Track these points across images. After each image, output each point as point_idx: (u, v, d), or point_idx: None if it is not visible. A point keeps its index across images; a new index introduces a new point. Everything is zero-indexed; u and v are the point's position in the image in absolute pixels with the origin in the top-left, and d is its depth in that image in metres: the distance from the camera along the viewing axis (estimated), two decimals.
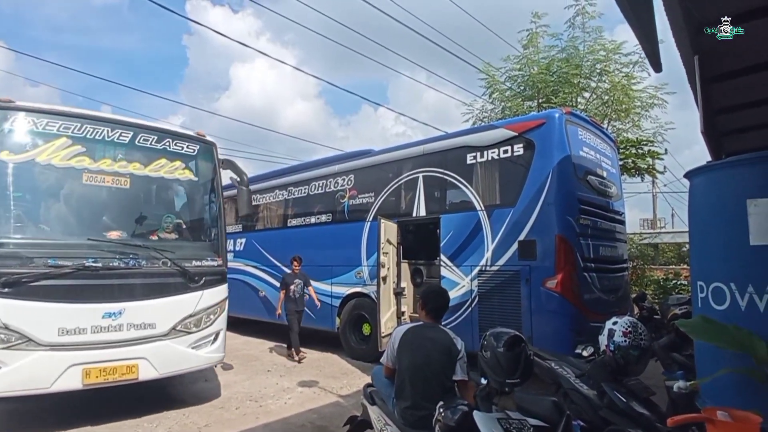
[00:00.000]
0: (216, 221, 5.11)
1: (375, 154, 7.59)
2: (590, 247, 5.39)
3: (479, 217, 5.78)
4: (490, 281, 5.59)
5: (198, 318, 4.62)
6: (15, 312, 3.72)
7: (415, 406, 2.52)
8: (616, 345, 2.56)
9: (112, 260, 4.21)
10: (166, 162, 4.80)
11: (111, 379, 4.06)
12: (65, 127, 4.27)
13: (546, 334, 4.96)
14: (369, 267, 6.91)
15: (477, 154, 5.95)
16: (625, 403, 2.39)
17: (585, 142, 5.77)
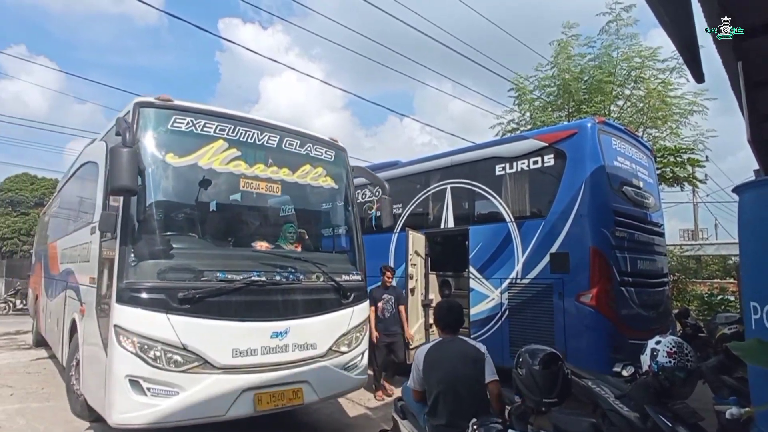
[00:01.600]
0: (356, 232, 4.71)
1: (402, 166, 7.58)
2: (627, 260, 5.14)
3: (509, 229, 5.64)
4: (520, 294, 5.42)
5: (350, 337, 4.25)
6: (193, 331, 3.34)
7: (449, 423, 2.46)
8: (660, 366, 2.42)
9: (273, 274, 3.83)
10: (310, 168, 4.42)
11: (280, 405, 3.67)
12: (221, 128, 3.90)
13: (581, 350, 4.73)
14: (397, 278, 6.86)
15: (506, 165, 5.83)
16: (671, 427, 2.27)
17: (619, 152, 5.55)
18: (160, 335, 3.25)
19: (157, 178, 3.68)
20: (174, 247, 3.54)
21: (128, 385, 3.18)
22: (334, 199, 4.84)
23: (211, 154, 3.82)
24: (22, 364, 7.37)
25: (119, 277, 3.30)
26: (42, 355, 7.85)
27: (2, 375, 6.56)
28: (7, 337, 10.27)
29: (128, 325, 3.23)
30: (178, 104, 3.79)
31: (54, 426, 4.44)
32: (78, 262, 4.88)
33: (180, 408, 3.24)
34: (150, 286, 3.31)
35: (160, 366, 3.23)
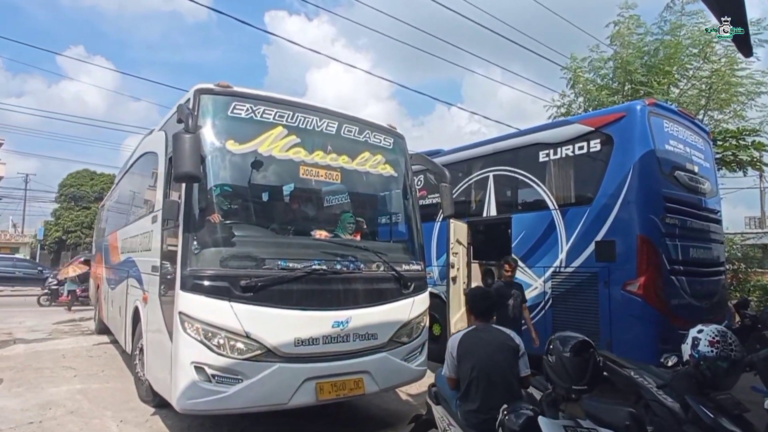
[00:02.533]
0: (415, 221, 4.67)
1: (444, 154, 7.61)
2: (678, 248, 5.02)
3: (553, 217, 5.61)
4: (564, 283, 5.41)
5: (410, 327, 4.22)
6: (255, 319, 3.38)
7: (480, 409, 2.52)
8: (701, 355, 2.39)
9: (334, 263, 3.83)
10: (369, 155, 4.37)
11: (342, 394, 3.69)
12: (280, 115, 3.88)
13: (627, 340, 4.70)
14: (439, 267, 6.96)
15: (550, 151, 5.78)
16: (713, 418, 2.24)
17: (672, 135, 5.37)
18: (223, 323, 3.31)
19: (218, 165, 3.71)
20: (235, 235, 3.57)
21: (194, 371, 3.25)
22: (393, 187, 4.82)
23: (271, 141, 3.81)
24: (85, 348, 7.94)
25: (183, 265, 3.39)
26: (103, 340, 8.45)
27: (67, 358, 7.06)
28: (72, 324, 11.13)
29: (193, 313, 3.31)
30: (238, 90, 3.79)
31: (113, 406, 4.79)
32: (139, 251, 5.11)
33: (244, 395, 3.30)
34: (213, 273, 3.37)
35: (224, 353, 3.30)
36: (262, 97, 3.91)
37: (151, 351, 4.29)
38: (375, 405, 4.99)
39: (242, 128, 3.77)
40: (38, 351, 7.65)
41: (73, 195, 29.88)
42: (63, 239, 29.37)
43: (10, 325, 10.64)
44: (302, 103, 4.18)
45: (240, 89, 3.84)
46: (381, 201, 4.98)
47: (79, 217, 28.79)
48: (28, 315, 12.86)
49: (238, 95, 3.77)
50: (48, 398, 5.00)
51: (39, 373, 6.14)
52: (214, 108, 3.69)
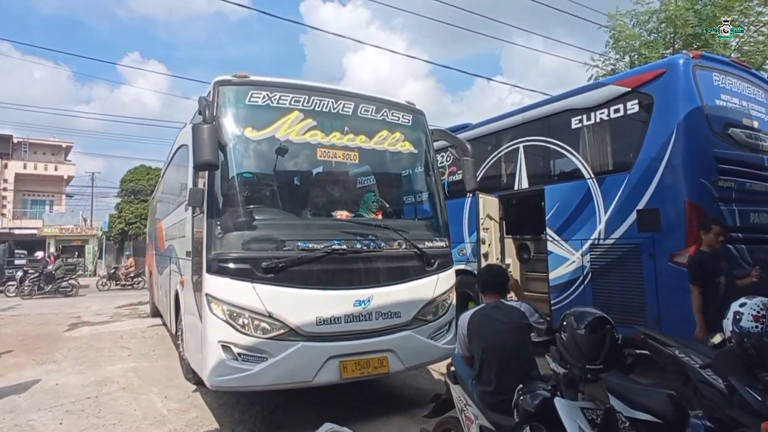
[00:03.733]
0: (437, 197, 4.61)
1: (473, 128, 7.30)
2: (735, 213, 4.54)
3: (588, 186, 5.22)
4: (604, 256, 5.04)
5: (436, 305, 4.18)
6: (277, 299, 3.45)
7: (495, 390, 2.41)
8: (744, 331, 2.13)
9: (354, 242, 3.83)
10: (387, 134, 4.35)
11: (366, 373, 3.71)
12: (295, 100, 3.95)
13: (677, 317, 4.28)
14: (471, 244, 6.76)
15: (583, 116, 5.36)
16: (761, 402, 2.00)
17: (724, 89, 4.82)
18: (247, 303, 3.39)
19: (238, 152, 3.83)
20: (256, 219, 3.66)
21: (221, 350, 3.36)
22: (414, 164, 4.76)
23: (288, 126, 3.89)
24: (140, 330, 8.61)
25: (208, 249, 3.50)
26: (156, 322, 9.05)
27: (124, 339, 7.71)
28: (131, 307, 12.04)
29: (218, 294, 3.42)
30: (254, 79, 3.88)
31: (160, 383, 5.10)
32: (177, 238, 5.38)
33: (269, 373, 3.38)
34: (235, 256, 3.47)
35: (249, 333, 3.38)
36: (277, 83, 3.96)
37: (188, 331, 4.51)
38: (406, 384, 5.00)
39: (260, 115, 3.86)
40: (100, 332, 8.40)
41: (132, 189, 31.90)
42: (125, 230, 31.55)
43: (79, 309, 11.75)
44: (317, 86, 4.19)
45: (256, 78, 3.91)
46: (402, 178, 4.90)
47: (138, 210, 30.65)
48: (95, 299, 14.00)
49: (254, 84, 3.85)
50: (105, 375, 5.47)
51: (99, 352, 6.73)
52: (232, 97, 3.79)
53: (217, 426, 3.92)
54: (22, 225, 33.09)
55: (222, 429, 3.87)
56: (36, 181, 35.04)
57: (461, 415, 2.65)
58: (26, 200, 35.78)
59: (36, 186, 35.15)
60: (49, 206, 36.14)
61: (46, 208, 35.51)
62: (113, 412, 4.26)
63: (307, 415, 4.03)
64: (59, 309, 11.78)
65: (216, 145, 3.40)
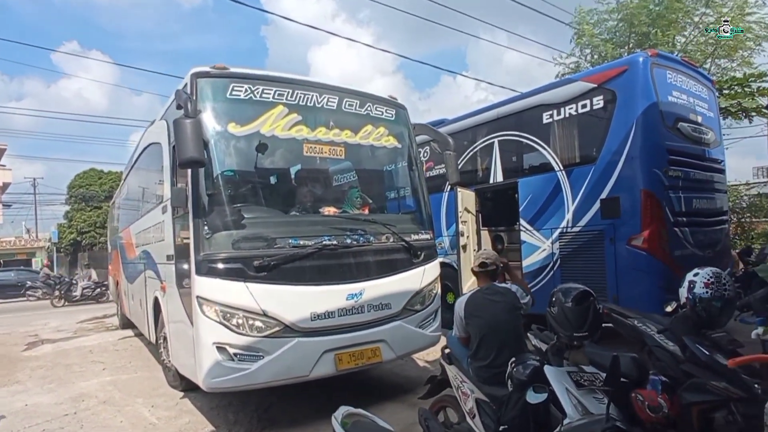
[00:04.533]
0: (422, 191, 4.71)
1: (448, 123, 7.59)
2: (682, 199, 5.05)
3: (558, 178, 5.63)
4: (572, 243, 5.47)
5: (423, 295, 4.33)
6: (270, 297, 3.47)
7: (491, 365, 2.65)
8: (697, 297, 2.47)
9: (344, 237, 3.89)
10: (372, 128, 4.38)
11: (360, 363, 3.83)
12: (279, 93, 3.87)
13: (634, 294, 4.78)
14: (449, 237, 7.03)
15: (553, 111, 5.75)
16: (708, 355, 2.33)
17: (675, 86, 5.32)
18: (240, 303, 3.39)
19: (221, 148, 3.72)
20: (245, 217, 3.62)
21: (216, 351, 3.36)
22: (398, 158, 4.84)
23: (273, 121, 3.81)
24: (111, 343, 8.15)
25: (196, 250, 3.45)
26: (128, 334, 8.66)
27: (94, 353, 7.26)
28: (96, 321, 11.37)
29: (210, 295, 3.39)
30: (235, 71, 3.76)
31: (143, 394, 4.94)
32: (153, 243, 5.19)
33: (267, 371, 3.42)
34: (226, 256, 3.43)
35: (244, 332, 3.40)
36: (260, 76, 3.89)
37: (174, 337, 4.41)
38: (395, 373, 5.16)
39: (242, 110, 3.77)
40: (65, 349, 7.86)
41: (83, 195, 29.96)
42: (78, 240, 29.64)
43: (35, 327, 10.88)
44: (301, 79, 4.15)
45: (237, 69, 3.81)
46: (387, 173, 5.01)
47: (91, 217, 28.94)
48: (51, 316, 13.21)
49: (235, 76, 3.75)
50: (80, 391, 5.17)
51: (68, 369, 6.33)
52: (212, 91, 3.68)
53: (212, 428, 3.91)
54: None
55: (218, 431, 3.87)
56: None
57: (457, 392, 2.87)
58: None
59: None
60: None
61: None
62: (97, 425, 4.11)
63: (303, 409, 4.11)
64: (11, 329, 10.96)
65: (201, 141, 3.33)
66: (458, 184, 5.76)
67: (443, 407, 3.09)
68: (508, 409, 2.32)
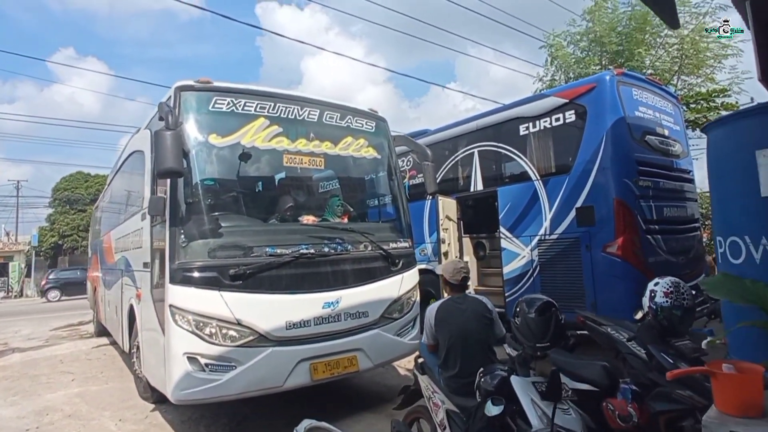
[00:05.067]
0: (400, 200, 4.78)
1: (431, 134, 7.70)
2: (653, 208, 5.18)
3: (535, 187, 5.75)
4: (550, 250, 5.56)
5: (401, 303, 4.34)
6: (245, 306, 3.44)
7: (459, 374, 2.64)
8: (658, 306, 2.51)
9: (321, 246, 3.90)
10: (352, 140, 4.47)
11: (336, 373, 3.79)
12: (261, 106, 3.95)
13: (610, 300, 4.87)
14: (432, 244, 7.10)
15: (529, 124, 5.90)
16: (672, 363, 2.34)
17: (641, 102, 5.53)
18: (214, 312, 3.35)
19: (202, 159, 3.77)
20: (222, 226, 3.63)
21: (187, 362, 3.29)
22: (378, 169, 4.91)
23: (253, 133, 3.88)
24: (84, 352, 7.89)
25: (171, 259, 3.43)
26: (103, 342, 8.42)
27: (65, 363, 7.02)
28: (70, 329, 11.04)
29: (183, 304, 3.35)
30: (218, 85, 3.85)
31: (112, 406, 4.79)
32: (131, 250, 5.12)
33: (239, 381, 3.36)
34: (201, 265, 3.42)
35: (216, 342, 3.35)
36: (242, 90, 3.95)
37: (146, 346, 4.31)
38: (375, 382, 5.14)
39: (224, 122, 3.82)
40: (35, 358, 7.60)
41: (67, 198, 29.37)
42: (59, 244, 28.91)
43: (6, 335, 10.54)
44: (282, 93, 4.23)
45: (220, 83, 3.88)
46: (366, 183, 5.05)
47: (75, 221, 28.33)
48: (24, 323, 12.84)
49: (218, 90, 3.82)
50: (45, 404, 4.97)
51: (35, 380, 6.10)
52: (195, 104, 3.74)
53: None
54: None
55: None
56: None
57: (429, 403, 2.82)
58: None
59: None
60: None
61: None
62: None
63: (276, 422, 4.00)
64: None
65: (180, 153, 3.38)
66: (436, 194, 5.82)
67: (417, 418, 3.04)
68: (475, 421, 2.30)
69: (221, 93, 3.81)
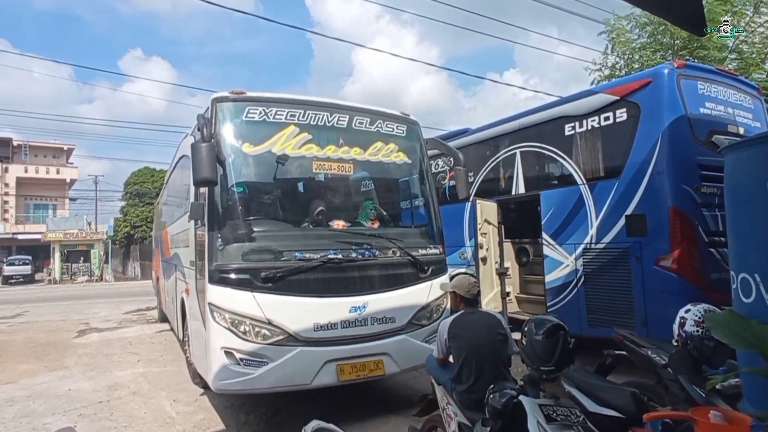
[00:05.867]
0: (432, 205, 4.84)
1: (472, 133, 7.58)
2: (719, 218, 4.73)
3: (581, 192, 5.48)
4: (596, 260, 5.29)
5: (430, 310, 4.42)
6: (276, 307, 3.69)
7: (471, 390, 2.66)
8: (688, 335, 2.42)
9: (350, 251, 4.10)
10: (382, 145, 4.59)
11: (362, 375, 3.96)
12: (291, 114, 4.16)
13: (663, 317, 4.49)
14: (472, 247, 7.00)
15: (576, 123, 5.63)
16: (704, 398, 2.24)
17: (708, 97, 5.04)
18: (247, 311, 3.65)
19: (236, 167, 4.07)
20: (255, 231, 3.90)
21: (224, 355, 3.62)
22: (409, 173, 5.00)
23: (284, 140, 4.12)
24: (149, 335, 8.88)
25: (209, 260, 3.76)
26: (164, 328, 9.32)
27: (133, 345, 8.01)
28: (139, 313, 12.33)
29: (220, 303, 3.68)
30: (251, 95, 4.13)
31: (168, 387, 5.38)
32: (182, 247, 5.64)
33: (270, 377, 3.64)
34: (236, 267, 3.73)
35: (250, 339, 3.65)
36: (274, 99, 4.21)
37: (193, 337, 4.77)
38: (407, 385, 5.22)
39: (257, 130, 4.09)
40: (110, 339, 8.70)
41: (137, 192, 32.71)
42: (131, 234, 32.24)
43: (87, 316, 12.06)
44: (313, 100, 4.42)
45: (253, 93, 4.16)
46: (396, 187, 5.13)
47: (143, 213, 31.30)
48: (103, 305, 14.40)
49: (251, 99, 4.09)
50: (115, 380, 5.76)
51: (109, 358, 7.03)
52: (230, 114, 4.04)
53: (223, 427, 4.19)
54: (26, 230, 33.73)
55: (227, 430, 4.13)
56: (38, 185, 35.54)
57: (443, 413, 2.91)
58: (29, 204, 36.32)
59: (38, 190, 35.67)
60: (52, 210, 36.66)
61: (49, 213, 35.96)
62: (125, 415, 4.54)
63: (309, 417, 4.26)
64: (67, 316, 12.15)
65: (214, 163, 3.65)
66: (468, 198, 5.80)
67: (434, 427, 3.11)
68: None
69: (253, 102, 4.10)
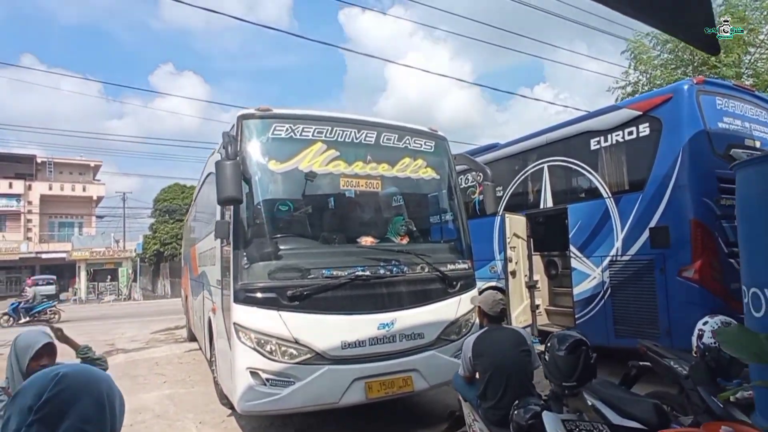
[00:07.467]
0: (460, 220, 5.04)
1: (500, 148, 7.98)
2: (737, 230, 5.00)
3: (606, 205, 5.80)
4: (622, 272, 5.59)
5: (459, 325, 4.56)
6: (302, 326, 3.81)
7: (497, 406, 2.86)
8: (705, 347, 2.53)
9: (377, 268, 4.24)
10: (410, 161, 4.77)
11: (390, 392, 4.07)
12: (318, 131, 4.31)
13: (686, 327, 4.72)
14: (502, 261, 7.31)
15: (600, 138, 5.97)
16: (723, 409, 2.37)
17: (726, 112, 5.35)
18: (273, 331, 3.78)
19: (262, 184, 4.23)
20: (282, 249, 4.06)
21: (249, 376, 3.74)
22: (437, 188, 5.18)
23: (311, 157, 4.26)
24: (176, 355, 9.15)
25: (235, 279, 3.91)
26: (193, 347, 9.58)
27: (160, 365, 8.17)
28: (167, 332, 12.78)
29: (245, 323, 3.81)
30: (277, 112, 4.29)
31: (195, 409, 5.50)
32: (208, 266, 5.90)
33: (297, 396, 3.75)
34: (262, 286, 3.87)
35: (276, 358, 3.77)
36: (300, 116, 4.43)
37: (220, 357, 4.92)
38: (438, 400, 5.42)
39: (283, 147, 4.29)
40: (135, 360, 8.99)
41: (166, 209, 33.64)
42: (161, 251, 33.06)
43: (113, 336, 12.46)
44: (340, 117, 4.64)
45: (279, 110, 4.36)
46: (424, 203, 5.39)
47: (173, 230, 31.98)
48: (129, 325, 15.04)
49: (277, 117, 4.29)
50: (140, 403, 5.80)
51: (134, 380, 7.14)
52: (256, 131, 4.25)
53: None
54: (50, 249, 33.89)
55: None
56: (63, 202, 36.10)
57: (470, 429, 3.14)
58: (53, 223, 36.70)
59: (63, 208, 36.26)
60: (78, 228, 37.12)
61: (75, 231, 36.47)
62: None
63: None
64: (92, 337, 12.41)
65: (239, 181, 3.79)
66: (496, 213, 6.05)
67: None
68: None
69: (280, 119, 4.30)
